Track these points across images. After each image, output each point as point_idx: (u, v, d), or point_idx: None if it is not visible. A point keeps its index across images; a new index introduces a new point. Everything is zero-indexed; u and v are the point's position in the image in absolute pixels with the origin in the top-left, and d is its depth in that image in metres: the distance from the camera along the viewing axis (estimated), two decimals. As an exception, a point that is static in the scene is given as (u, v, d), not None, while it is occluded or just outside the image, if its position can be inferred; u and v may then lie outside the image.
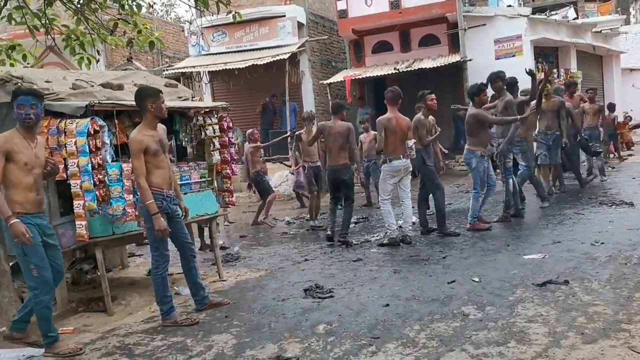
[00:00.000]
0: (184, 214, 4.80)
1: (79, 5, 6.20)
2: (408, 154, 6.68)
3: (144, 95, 4.44)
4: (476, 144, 7.01)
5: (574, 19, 19.34)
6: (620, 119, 15.92)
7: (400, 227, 6.91)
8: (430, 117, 7.89)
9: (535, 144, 8.61)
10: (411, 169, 6.87)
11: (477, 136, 7.02)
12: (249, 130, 9.86)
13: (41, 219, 4.09)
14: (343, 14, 14.83)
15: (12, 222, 3.77)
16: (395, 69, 13.64)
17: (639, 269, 4.72)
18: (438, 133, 7.89)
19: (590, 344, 3.35)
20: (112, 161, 4.79)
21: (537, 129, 8.77)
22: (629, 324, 3.59)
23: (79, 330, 4.59)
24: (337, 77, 14.51)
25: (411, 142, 6.66)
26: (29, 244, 3.82)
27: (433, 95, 7.40)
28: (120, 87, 5.39)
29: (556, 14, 19.19)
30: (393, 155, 6.69)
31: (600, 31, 17.56)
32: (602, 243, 5.70)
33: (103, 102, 4.84)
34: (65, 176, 4.62)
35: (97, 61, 6.71)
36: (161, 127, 4.64)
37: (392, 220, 6.77)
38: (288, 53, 13.75)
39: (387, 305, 4.43)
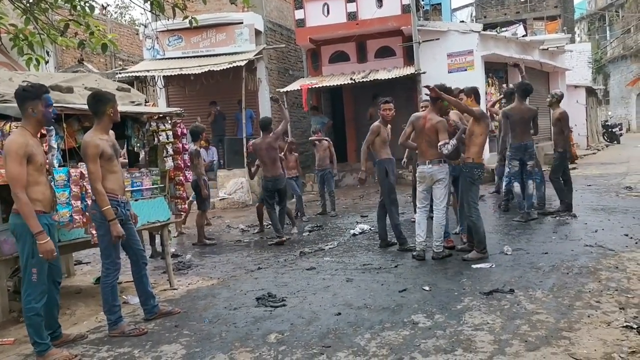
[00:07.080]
0: (133, 220, 4.71)
1: (28, 4, 5.99)
2: (439, 161, 5.99)
3: (104, 100, 4.33)
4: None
5: (523, 36, 20.14)
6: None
7: (425, 242, 6.22)
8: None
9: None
10: (441, 177, 6.02)
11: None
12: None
13: (51, 218, 4.11)
14: (301, 22, 14.92)
15: (43, 241, 3.76)
16: (351, 79, 13.81)
17: (579, 279, 4.92)
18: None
19: (533, 351, 3.47)
20: (59, 166, 4.65)
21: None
22: (569, 331, 3.73)
23: (20, 341, 4.41)
24: (294, 86, 14.56)
25: (442, 144, 5.83)
26: (54, 260, 3.93)
27: (389, 105, 6.79)
28: (69, 90, 5.23)
29: (506, 30, 19.96)
30: (419, 159, 6.21)
31: (547, 49, 18.32)
32: (546, 253, 5.92)
33: (51, 105, 4.69)
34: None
35: (47, 62, 6.47)
36: (110, 132, 4.54)
37: (419, 232, 6.20)
38: (245, 60, 13.70)
39: (339, 314, 4.46)
